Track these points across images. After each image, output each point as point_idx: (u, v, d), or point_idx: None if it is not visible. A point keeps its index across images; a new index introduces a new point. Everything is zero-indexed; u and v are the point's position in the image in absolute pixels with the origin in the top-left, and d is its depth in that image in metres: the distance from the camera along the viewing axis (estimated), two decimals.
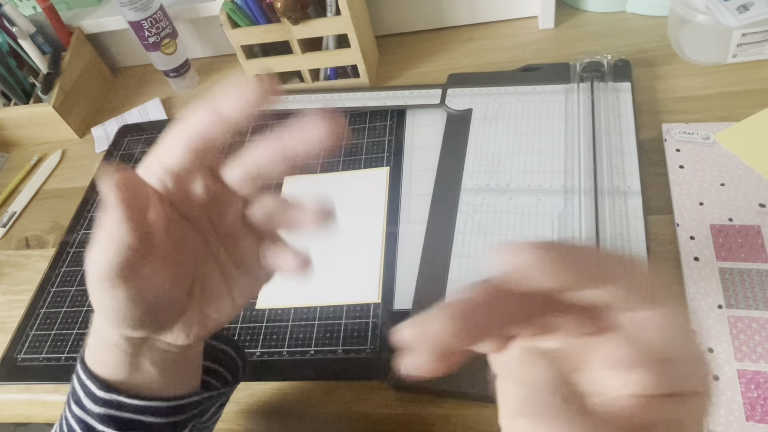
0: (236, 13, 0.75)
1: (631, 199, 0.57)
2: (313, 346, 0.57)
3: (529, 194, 0.61)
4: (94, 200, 0.78)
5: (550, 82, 0.70)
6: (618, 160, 0.60)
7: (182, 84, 0.90)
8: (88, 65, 0.92)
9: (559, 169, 0.62)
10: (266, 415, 0.55)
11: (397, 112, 0.76)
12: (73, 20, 0.91)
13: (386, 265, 0.61)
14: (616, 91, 0.67)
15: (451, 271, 0.57)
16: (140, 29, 0.81)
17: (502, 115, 0.69)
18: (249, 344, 0.58)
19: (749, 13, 0.64)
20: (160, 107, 0.89)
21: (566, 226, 0.57)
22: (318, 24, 0.74)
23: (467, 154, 0.66)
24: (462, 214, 0.61)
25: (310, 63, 0.79)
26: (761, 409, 0.44)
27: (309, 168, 0.72)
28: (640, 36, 0.76)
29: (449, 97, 0.73)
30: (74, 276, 0.70)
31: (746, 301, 0.49)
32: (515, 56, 0.79)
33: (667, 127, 0.63)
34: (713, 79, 0.68)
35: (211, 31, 0.92)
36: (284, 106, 0.79)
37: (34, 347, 0.64)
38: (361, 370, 0.54)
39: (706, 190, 0.57)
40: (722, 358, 0.47)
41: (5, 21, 0.83)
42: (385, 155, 0.71)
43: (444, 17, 0.86)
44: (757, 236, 0.53)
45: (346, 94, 0.78)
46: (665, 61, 0.71)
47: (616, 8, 0.80)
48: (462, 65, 0.81)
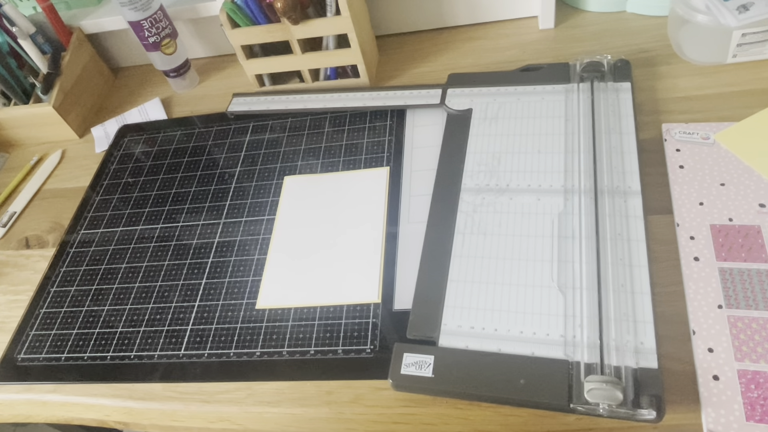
0: (236, 13, 0.75)
1: (631, 199, 0.57)
2: (313, 346, 0.57)
3: (529, 194, 0.61)
4: (94, 200, 0.78)
5: (550, 82, 0.70)
6: (618, 160, 0.60)
7: (182, 84, 0.90)
8: (88, 65, 0.92)
9: (559, 169, 0.62)
10: (266, 415, 0.55)
11: (397, 112, 0.76)
12: (73, 20, 0.91)
13: (386, 265, 0.61)
14: (616, 91, 0.67)
15: (451, 271, 0.57)
16: (140, 29, 0.81)
17: (502, 115, 0.69)
18: (249, 344, 0.58)
19: (749, 13, 0.64)
20: (160, 107, 0.89)
21: (566, 226, 0.57)
22: (318, 24, 0.74)
23: (467, 154, 0.66)
24: (462, 214, 0.61)
25: (310, 63, 0.79)
26: (761, 409, 0.44)
27: (309, 168, 0.72)
28: (640, 36, 0.76)
29: (449, 97, 0.73)
30: (74, 276, 0.70)
31: (746, 301, 0.49)
32: (515, 56, 0.79)
33: (667, 127, 0.63)
34: (713, 79, 0.68)
35: (211, 31, 0.92)
36: (284, 106, 0.79)
37: (34, 347, 0.64)
38: (361, 370, 0.54)
39: (706, 190, 0.57)
40: (722, 358, 0.47)
41: (5, 21, 0.83)
42: (385, 155, 0.71)
43: (444, 17, 0.86)
44: (757, 236, 0.53)
45: (346, 94, 0.78)
46: (665, 61, 0.71)
47: (616, 8, 0.80)
48: (462, 65, 0.81)
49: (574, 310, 0.52)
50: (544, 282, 0.54)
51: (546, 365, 0.49)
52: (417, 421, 0.51)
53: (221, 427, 0.56)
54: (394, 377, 0.51)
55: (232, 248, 0.67)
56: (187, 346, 0.60)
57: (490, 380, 0.49)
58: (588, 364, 0.48)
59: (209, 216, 0.71)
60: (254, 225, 0.69)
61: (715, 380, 0.46)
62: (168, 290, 0.65)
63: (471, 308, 0.54)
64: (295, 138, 0.77)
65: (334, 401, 0.53)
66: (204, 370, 0.58)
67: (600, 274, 0.53)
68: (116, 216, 0.75)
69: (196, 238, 0.69)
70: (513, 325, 0.52)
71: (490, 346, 0.51)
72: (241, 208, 0.71)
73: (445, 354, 0.51)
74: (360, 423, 0.52)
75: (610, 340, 0.49)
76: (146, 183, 0.78)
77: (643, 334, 0.49)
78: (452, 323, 0.53)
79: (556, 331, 0.51)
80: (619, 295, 0.51)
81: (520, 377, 0.48)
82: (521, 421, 0.49)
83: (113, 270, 0.69)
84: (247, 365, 0.57)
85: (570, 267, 0.54)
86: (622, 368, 0.47)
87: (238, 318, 0.61)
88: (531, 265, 0.55)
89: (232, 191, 0.73)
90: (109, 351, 0.61)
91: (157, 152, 0.82)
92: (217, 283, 0.64)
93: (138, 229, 0.73)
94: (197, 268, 0.66)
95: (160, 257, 0.69)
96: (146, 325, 0.63)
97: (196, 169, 0.78)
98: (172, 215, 0.73)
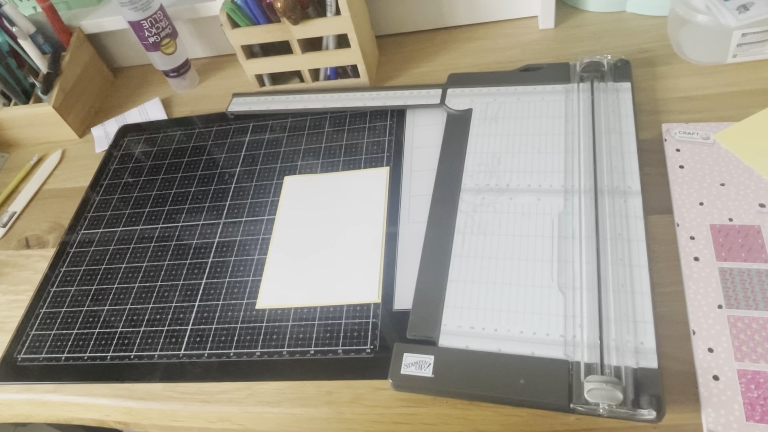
0: (236, 13, 0.75)
1: (631, 199, 0.57)
2: (313, 346, 0.57)
3: (529, 194, 0.61)
4: (94, 200, 0.78)
5: (550, 82, 0.70)
6: (618, 160, 0.60)
7: (182, 84, 0.90)
8: (88, 65, 0.92)
9: (559, 169, 0.62)
10: (266, 415, 0.55)
11: (397, 112, 0.76)
12: (73, 20, 0.91)
13: (386, 265, 0.61)
14: (616, 91, 0.67)
15: (451, 271, 0.57)
16: (140, 29, 0.81)
17: (502, 115, 0.69)
18: (249, 344, 0.58)
19: (749, 13, 0.64)
20: (160, 107, 0.89)
21: (566, 226, 0.57)
22: (318, 24, 0.74)
23: (467, 154, 0.66)
24: (462, 214, 0.61)
25: (310, 63, 0.79)
26: (761, 409, 0.44)
27: (309, 168, 0.72)
28: (640, 36, 0.76)
29: (449, 97, 0.73)
30: (74, 276, 0.70)
31: (746, 301, 0.49)
32: (515, 56, 0.79)
33: (667, 127, 0.63)
34: (713, 79, 0.68)
35: (211, 31, 0.92)
36: (284, 106, 0.79)
37: (34, 347, 0.64)
38: (361, 370, 0.54)
39: (706, 190, 0.57)
40: (722, 358, 0.47)
41: (5, 21, 0.83)
42: (385, 155, 0.71)
43: (444, 17, 0.86)
44: (757, 236, 0.53)
45: (346, 94, 0.78)
46: (665, 61, 0.71)
47: (616, 8, 0.80)
48: (462, 65, 0.81)
49: (574, 310, 0.52)
50: (544, 282, 0.54)
51: (546, 365, 0.49)
52: (417, 421, 0.51)
53: (221, 427, 0.56)
54: (394, 377, 0.51)
55: (232, 248, 0.67)
56: (187, 346, 0.60)
57: (490, 380, 0.49)
58: (588, 364, 0.48)
59: (209, 216, 0.71)
60: (254, 225, 0.69)
61: (715, 380, 0.46)
62: (168, 290, 0.65)
63: (471, 308, 0.54)
64: (295, 138, 0.77)
65: (334, 401, 0.53)
66: (204, 370, 0.58)
67: (600, 274, 0.53)
68: (116, 216, 0.75)
69: (196, 238, 0.69)
70: (513, 325, 0.52)
71: (490, 346, 0.51)
72: (241, 208, 0.71)
73: (445, 354, 0.51)
74: (360, 423, 0.52)
75: (610, 340, 0.49)
76: (146, 183, 0.78)
77: (643, 334, 0.49)
78: (452, 323, 0.53)
79: (556, 331, 0.51)
80: (619, 295, 0.51)
81: (520, 377, 0.48)
82: (521, 421, 0.49)
83: (113, 270, 0.69)
84: (247, 365, 0.57)
85: (570, 267, 0.54)
86: (622, 368, 0.47)
87: (238, 318, 0.61)
88: (531, 265, 0.55)
89: (232, 191, 0.73)
90: (109, 351, 0.61)
91: (157, 152, 0.82)
92: (217, 283, 0.64)
93: (138, 229, 0.73)
94: (197, 268, 0.66)
95: (160, 257, 0.69)
96: (146, 325, 0.63)
97: (196, 169, 0.78)
98: (172, 215, 0.73)
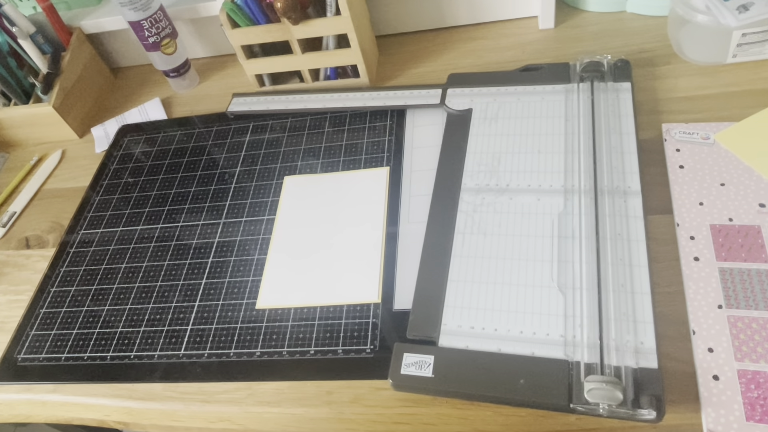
0: (236, 13, 0.75)
1: (631, 199, 0.57)
2: (313, 346, 0.57)
3: (529, 194, 0.61)
4: (94, 200, 0.78)
5: (550, 82, 0.70)
6: (618, 160, 0.60)
7: (182, 84, 0.90)
8: (88, 65, 0.92)
9: (559, 169, 0.62)
10: (266, 415, 0.55)
11: (397, 112, 0.76)
12: (73, 20, 0.91)
13: (386, 265, 0.61)
14: (616, 91, 0.67)
15: (451, 271, 0.57)
16: (140, 29, 0.81)
17: (502, 115, 0.69)
18: (249, 344, 0.58)
19: (749, 13, 0.64)
20: (160, 107, 0.89)
21: (566, 226, 0.57)
22: (318, 24, 0.74)
23: (467, 154, 0.66)
24: (462, 214, 0.61)
25: (310, 63, 0.79)
26: (761, 409, 0.44)
27: (309, 168, 0.72)
28: (640, 36, 0.76)
29: (449, 97, 0.73)
30: (74, 276, 0.70)
31: (746, 301, 0.49)
32: (515, 56, 0.79)
33: (667, 127, 0.63)
34: (713, 79, 0.68)
35: (211, 31, 0.92)
36: (284, 106, 0.79)
37: (34, 347, 0.64)
38: (361, 370, 0.54)
39: (706, 190, 0.57)
40: (722, 358, 0.47)
41: (5, 21, 0.83)
42: (385, 155, 0.71)
43: (444, 17, 0.86)
44: (757, 236, 0.53)
45: (346, 94, 0.78)
46: (665, 61, 0.71)
47: (616, 8, 0.80)
48: (462, 65, 0.81)
49: (574, 310, 0.52)
50: (544, 282, 0.54)
51: (546, 365, 0.49)
52: (417, 421, 0.51)
53: (221, 427, 0.56)
54: (394, 377, 0.51)
55: (232, 248, 0.67)
56: (187, 346, 0.60)
57: (490, 380, 0.49)
58: (588, 364, 0.48)
59: (209, 216, 0.71)
60: (254, 225, 0.69)
61: (715, 380, 0.46)
62: (168, 290, 0.65)
63: (471, 308, 0.54)
64: (295, 138, 0.77)
65: (334, 401, 0.53)
66: (204, 370, 0.58)
67: (600, 274, 0.53)
68: (116, 216, 0.75)
69: (196, 238, 0.69)
70: (513, 325, 0.52)
71: (490, 346, 0.51)
72: (241, 208, 0.71)
73: (445, 354, 0.51)
74: (360, 423, 0.52)
75: (610, 340, 0.49)
76: (146, 183, 0.78)
77: (643, 334, 0.49)
78: (452, 323, 0.53)
79: (556, 331, 0.51)
80: (619, 295, 0.51)
81: (520, 377, 0.48)
82: (521, 421, 0.49)
83: (113, 270, 0.69)
84: (247, 365, 0.57)
85: (570, 267, 0.54)
86: (622, 368, 0.47)
87: (238, 318, 0.61)
88: (531, 265, 0.55)
89: (232, 191, 0.73)
90: (109, 351, 0.61)
91: (157, 152, 0.82)
92: (217, 283, 0.64)
93: (138, 229, 0.73)
94: (197, 268, 0.66)
95: (160, 257, 0.69)
96: (146, 325, 0.63)
97: (196, 169, 0.78)
98: (172, 215, 0.73)
